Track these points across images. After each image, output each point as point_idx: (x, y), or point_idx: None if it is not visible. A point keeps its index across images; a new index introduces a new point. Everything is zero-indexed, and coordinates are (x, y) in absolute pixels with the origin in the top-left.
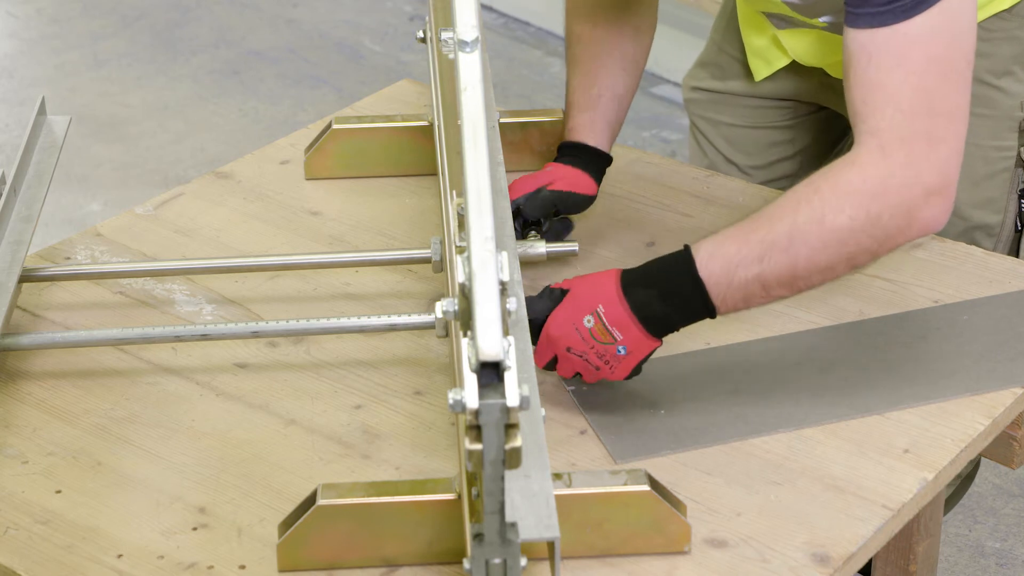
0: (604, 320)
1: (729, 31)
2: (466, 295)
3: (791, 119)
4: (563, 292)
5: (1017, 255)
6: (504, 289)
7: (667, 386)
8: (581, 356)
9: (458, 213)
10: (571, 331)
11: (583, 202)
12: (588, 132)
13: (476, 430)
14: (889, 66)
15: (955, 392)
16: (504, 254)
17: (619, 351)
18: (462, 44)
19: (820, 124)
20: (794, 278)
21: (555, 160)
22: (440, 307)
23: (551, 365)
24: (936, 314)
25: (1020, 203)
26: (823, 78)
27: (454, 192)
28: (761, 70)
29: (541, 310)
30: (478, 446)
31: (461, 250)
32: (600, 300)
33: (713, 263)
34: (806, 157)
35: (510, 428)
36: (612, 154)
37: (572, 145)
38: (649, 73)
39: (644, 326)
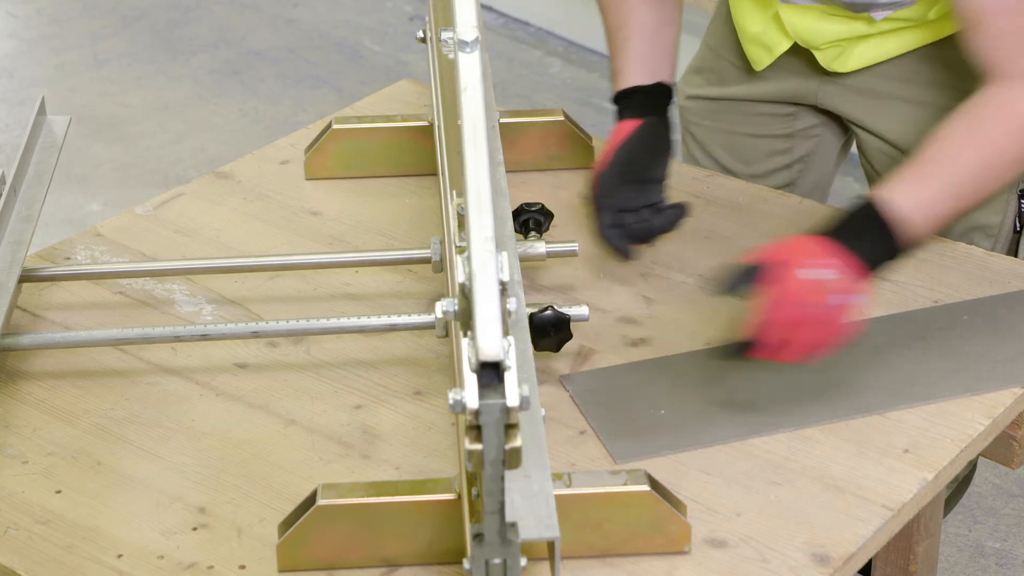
0: (838, 271)
1: (727, 35)
2: (466, 295)
3: (790, 128)
4: (756, 267)
5: (1016, 255)
6: (504, 289)
7: (667, 386)
8: (819, 309)
9: (458, 213)
10: (807, 289)
11: (663, 162)
12: (632, 72)
13: (476, 430)
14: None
15: (955, 392)
16: (504, 254)
17: (854, 299)
18: (462, 44)
19: (819, 133)
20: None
21: (618, 117)
22: (440, 307)
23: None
24: (936, 314)
25: (1020, 203)
26: (822, 77)
27: (454, 192)
28: (762, 58)
29: (742, 284)
30: (478, 446)
31: (461, 250)
32: (821, 254)
33: (908, 210)
34: (805, 167)
35: (510, 428)
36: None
37: (624, 94)
38: None
39: (867, 269)
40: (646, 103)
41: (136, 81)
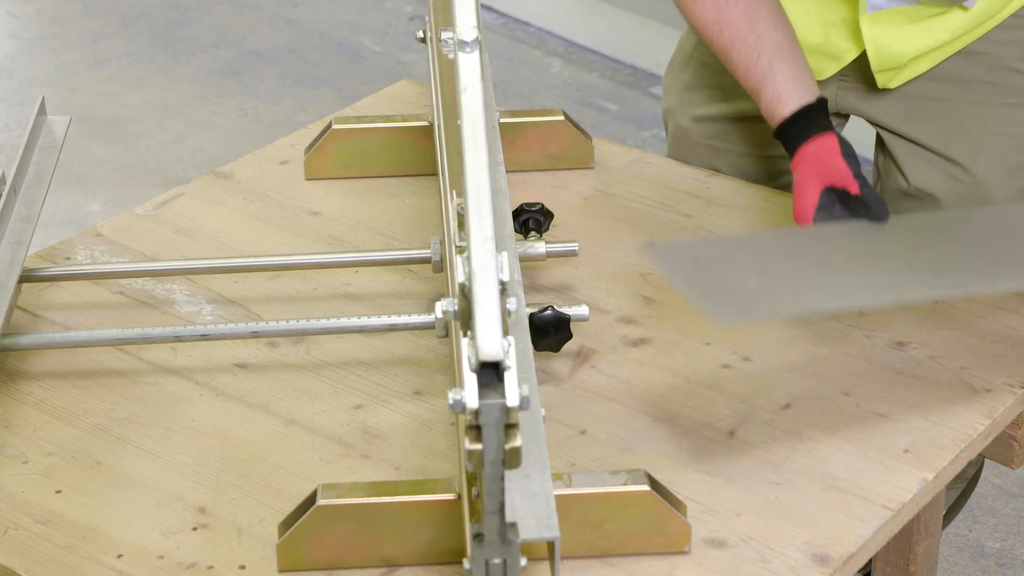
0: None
1: None
2: (466, 295)
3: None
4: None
5: None
6: (504, 289)
7: (752, 257)
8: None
9: (458, 213)
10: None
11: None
12: (794, 93)
13: (476, 430)
14: None
15: None
16: (504, 254)
17: None
18: (462, 44)
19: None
20: None
21: (789, 145)
22: (440, 307)
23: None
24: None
25: None
26: (839, 83)
27: (454, 192)
28: (826, 68)
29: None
30: (478, 446)
31: (461, 250)
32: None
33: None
34: None
35: (510, 428)
36: (611, 153)
37: (799, 116)
38: (649, 73)
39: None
40: (821, 117)
41: (136, 81)
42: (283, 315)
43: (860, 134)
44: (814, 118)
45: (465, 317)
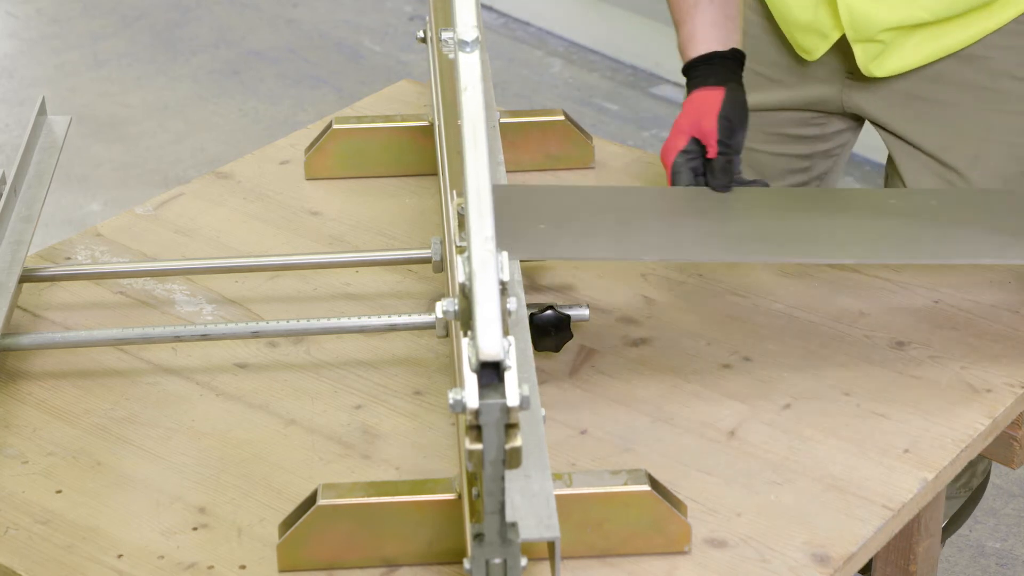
0: None
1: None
2: (466, 295)
3: (810, 149)
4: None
5: None
6: (504, 289)
7: (565, 207)
8: None
9: (458, 213)
10: None
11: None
12: (706, 37)
13: (476, 430)
14: None
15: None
16: (504, 254)
17: None
18: (462, 44)
19: (838, 153)
20: None
21: (688, 86)
22: (440, 307)
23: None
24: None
25: None
26: (845, 80)
27: (454, 192)
28: (817, 46)
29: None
30: (478, 446)
31: (461, 250)
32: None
33: None
34: (820, 182)
35: (510, 428)
36: (611, 153)
37: (702, 60)
38: (649, 73)
39: None
40: (725, 70)
41: (136, 81)
42: (283, 315)
43: (876, 139)
44: (716, 68)
45: (465, 317)
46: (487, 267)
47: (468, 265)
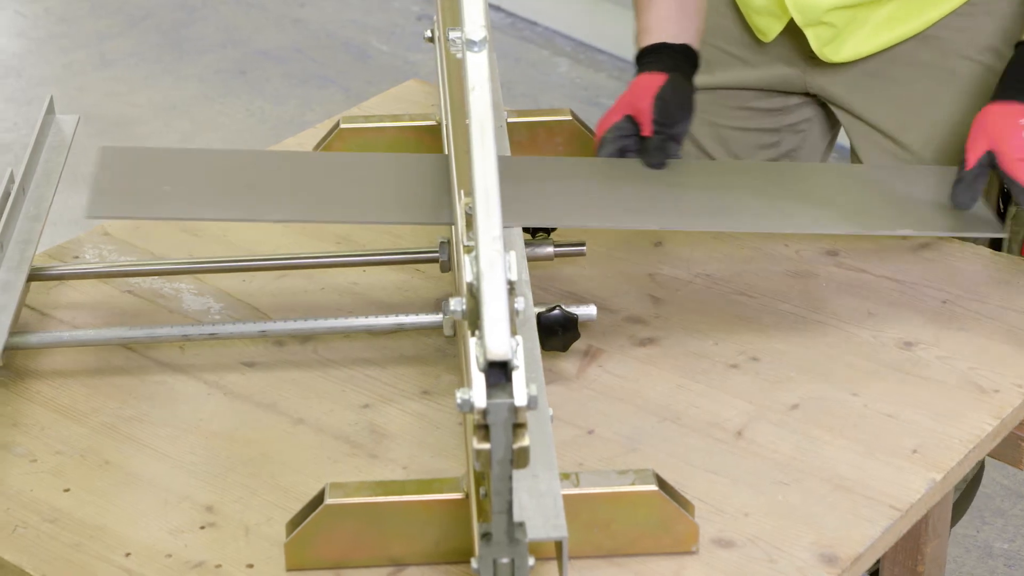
0: None
1: (714, 20)
2: (474, 294)
3: (777, 123)
4: (976, 166)
5: (999, 244)
6: (512, 288)
7: (196, 170)
8: None
9: (466, 212)
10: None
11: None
12: (659, 29)
13: (484, 429)
14: None
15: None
16: (512, 253)
17: None
18: (470, 44)
19: (805, 128)
20: None
21: (636, 73)
22: (448, 306)
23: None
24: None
25: (1001, 186)
26: (807, 64)
27: (462, 191)
28: (772, 27)
29: (969, 196)
30: (486, 445)
31: (469, 249)
32: (1016, 114)
33: None
34: (791, 160)
35: (518, 428)
36: None
37: (651, 49)
38: None
39: None
40: (673, 60)
41: (143, 81)
42: (290, 314)
43: None
44: (662, 57)
45: (473, 316)
46: (495, 266)
47: (476, 264)
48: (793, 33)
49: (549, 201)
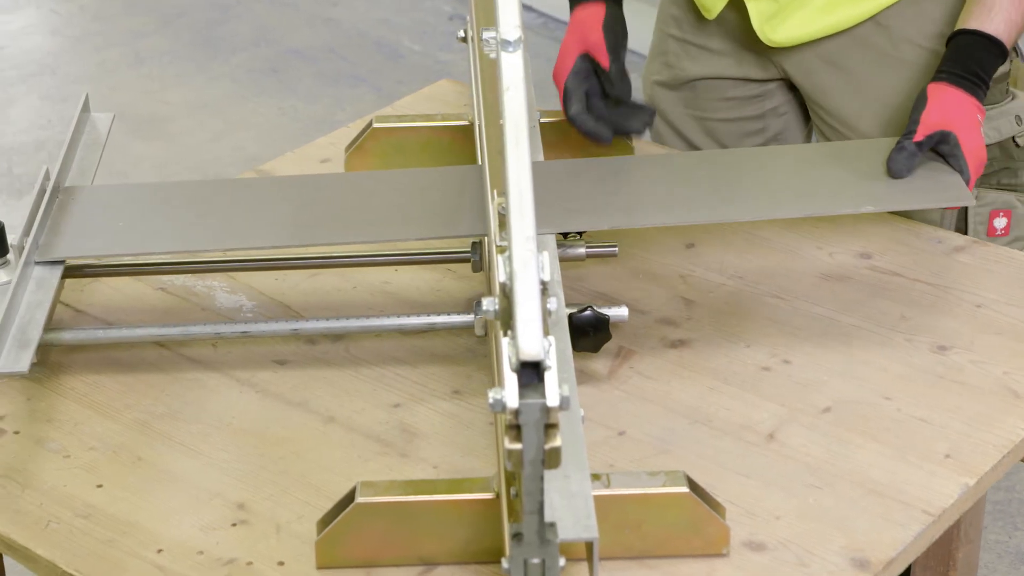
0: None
1: (680, 14)
2: (507, 294)
3: (760, 109)
4: (926, 140)
5: (965, 228)
6: (545, 289)
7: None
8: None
9: (499, 212)
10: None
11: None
12: None
13: (516, 430)
14: None
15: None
16: (545, 254)
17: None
18: (504, 44)
19: (787, 111)
20: None
21: (570, 10)
22: (480, 306)
23: None
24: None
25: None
26: (767, 55)
27: (495, 191)
28: (715, 4)
29: (906, 166)
30: (517, 445)
31: (502, 249)
32: (974, 108)
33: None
34: (779, 143)
35: (549, 428)
36: (651, 152)
37: None
38: None
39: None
40: None
41: (176, 79)
42: (322, 313)
43: None
44: None
45: (505, 316)
46: (528, 267)
47: (509, 264)
48: (738, 9)
49: (580, 204)
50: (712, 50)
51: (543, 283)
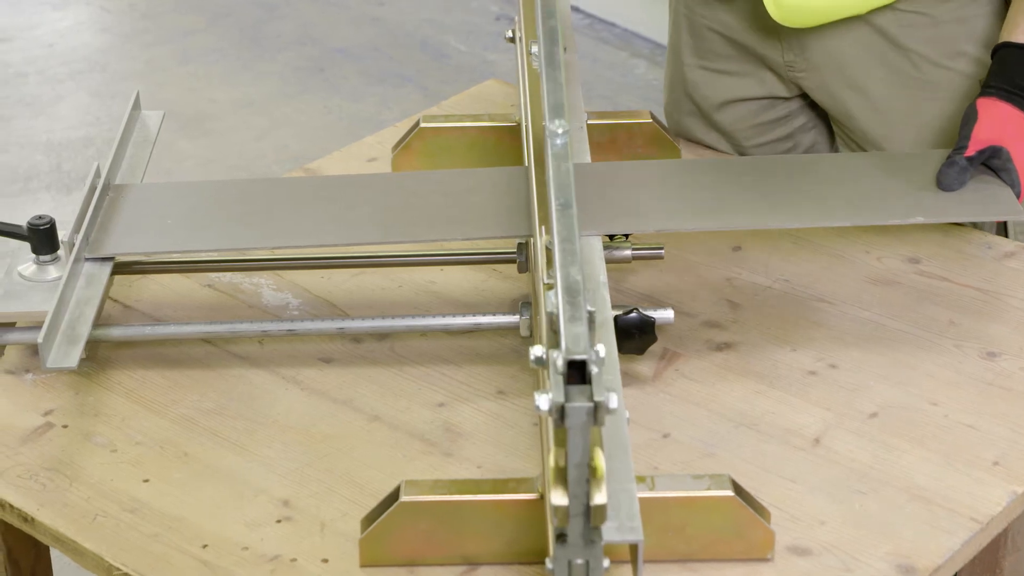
0: None
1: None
2: (554, 328)
3: (788, 129)
4: (977, 155)
5: (1005, 235)
6: (592, 318)
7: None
8: None
9: (546, 248)
10: None
11: None
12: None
13: (562, 486)
14: None
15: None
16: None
17: None
18: (552, 135)
19: (814, 126)
20: None
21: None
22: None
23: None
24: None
25: None
26: (786, 66)
27: (543, 228)
28: None
29: (958, 181)
30: (564, 502)
31: (549, 287)
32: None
33: None
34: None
35: (594, 483)
36: (697, 154)
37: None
38: None
39: None
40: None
41: (222, 77)
42: (368, 311)
43: None
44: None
45: (552, 343)
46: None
47: (557, 300)
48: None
49: (626, 207)
50: (732, 73)
51: (590, 313)
